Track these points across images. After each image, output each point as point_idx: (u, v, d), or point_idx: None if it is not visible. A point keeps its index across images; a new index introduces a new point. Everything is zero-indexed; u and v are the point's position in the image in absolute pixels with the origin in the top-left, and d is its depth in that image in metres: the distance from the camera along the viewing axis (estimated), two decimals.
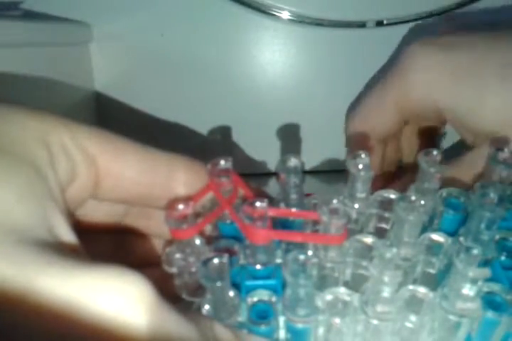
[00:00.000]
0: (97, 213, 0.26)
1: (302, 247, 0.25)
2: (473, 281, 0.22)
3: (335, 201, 0.23)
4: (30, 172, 0.19)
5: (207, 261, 0.20)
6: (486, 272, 0.21)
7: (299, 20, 0.47)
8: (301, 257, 0.21)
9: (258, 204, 0.22)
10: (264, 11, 0.47)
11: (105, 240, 0.28)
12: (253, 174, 0.49)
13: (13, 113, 0.21)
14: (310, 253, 0.21)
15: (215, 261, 0.20)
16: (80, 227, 0.25)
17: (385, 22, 0.46)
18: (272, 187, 0.46)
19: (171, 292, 0.26)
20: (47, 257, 0.17)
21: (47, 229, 0.18)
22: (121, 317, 0.16)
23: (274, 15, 0.47)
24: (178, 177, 0.25)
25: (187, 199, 0.23)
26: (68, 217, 0.21)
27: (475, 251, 0.21)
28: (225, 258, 0.20)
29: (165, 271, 0.28)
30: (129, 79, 0.50)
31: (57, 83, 0.44)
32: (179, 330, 0.18)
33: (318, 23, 0.47)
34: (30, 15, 0.46)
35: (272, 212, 0.23)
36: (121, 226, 0.28)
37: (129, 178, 0.24)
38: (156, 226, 0.28)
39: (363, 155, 0.26)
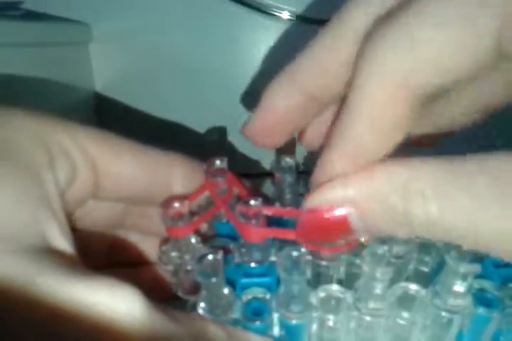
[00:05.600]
0: (96, 212, 0.26)
1: (296, 245, 0.25)
2: (464, 277, 0.22)
3: None
4: (27, 178, 0.19)
5: (202, 258, 0.20)
6: (477, 268, 0.21)
7: (299, 20, 0.47)
8: (294, 254, 0.21)
9: (252, 202, 0.22)
10: (264, 11, 0.47)
11: (103, 239, 0.28)
12: (249, 174, 0.49)
13: (10, 116, 0.21)
14: (303, 249, 0.21)
15: (210, 257, 0.20)
16: (79, 226, 0.26)
17: None
18: (267, 187, 0.46)
19: (166, 290, 0.27)
20: (38, 267, 0.17)
21: (40, 238, 0.18)
22: (112, 327, 0.17)
23: (274, 15, 0.47)
24: (177, 176, 0.26)
25: (183, 198, 0.24)
26: (66, 221, 0.21)
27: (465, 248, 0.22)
28: (220, 255, 0.21)
29: (160, 270, 0.28)
30: (129, 79, 0.50)
31: (57, 83, 0.44)
32: (170, 337, 0.18)
33: (318, 23, 0.47)
34: (30, 15, 0.46)
35: (266, 211, 0.24)
36: (120, 225, 0.28)
37: (128, 178, 0.24)
38: (155, 226, 0.28)
39: None
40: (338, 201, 0.18)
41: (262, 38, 0.48)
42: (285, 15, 0.47)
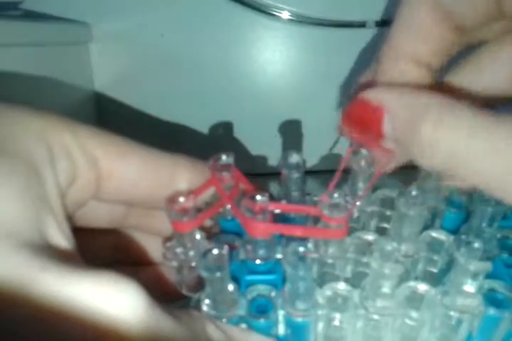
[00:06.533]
0: (98, 212, 0.26)
1: (303, 241, 0.25)
2: (475, 276, 0.22)
3: (336, 195, 0.23)
4: (28, 175, 0.19)
5: (207, 252, 0.20)
6: (487, 265, 0.21)
7: (299, 20, 0.47)
8: (301, 249, 0.21)
9: (259, 197, 0.22)
10: (264, 11, 0.47)
11: (105, 238, 0.28)
12: (254, 174, 0.49)
13: (14, 113, 0.20)
14: (310, 245, 0.21)
15: (215, 251, 0.20)
16: (81, 226, 0.25)
17: (385, 22, 0.46)
18: (273, 188, 0.46)
19: (168, 288, 0.26)
20: (37, 263, 0.17)
21: (38, 233, 0.18)
22: (114, 324, 0.16)
23: (274, 15, 0.47)
24: (181, 179, 0.25)
25: (189, 193, 0.23)
26: (65, 219, 0.20)
27: (476, 245, 0.21)
28: (225, 250, 0.20)
29: (163, 268, 0.28)
30: (129, 79, 0.50)
31: (57, 83, 0.44)
32: (171, 336, 0.18)
33: (318, 23, 0.47)
34: (30, 15, 0.46)
35: (272, 207, 0.23)
36: (122, 224, 0.28)
37: (131, 180, 0.24)
38: (157, 225, 0.27)
39: (363, 152, 0.26)
40: (380, 101, 0.21)
41: (262, 37, 0.48)
42: (285, 15, 0.47)
